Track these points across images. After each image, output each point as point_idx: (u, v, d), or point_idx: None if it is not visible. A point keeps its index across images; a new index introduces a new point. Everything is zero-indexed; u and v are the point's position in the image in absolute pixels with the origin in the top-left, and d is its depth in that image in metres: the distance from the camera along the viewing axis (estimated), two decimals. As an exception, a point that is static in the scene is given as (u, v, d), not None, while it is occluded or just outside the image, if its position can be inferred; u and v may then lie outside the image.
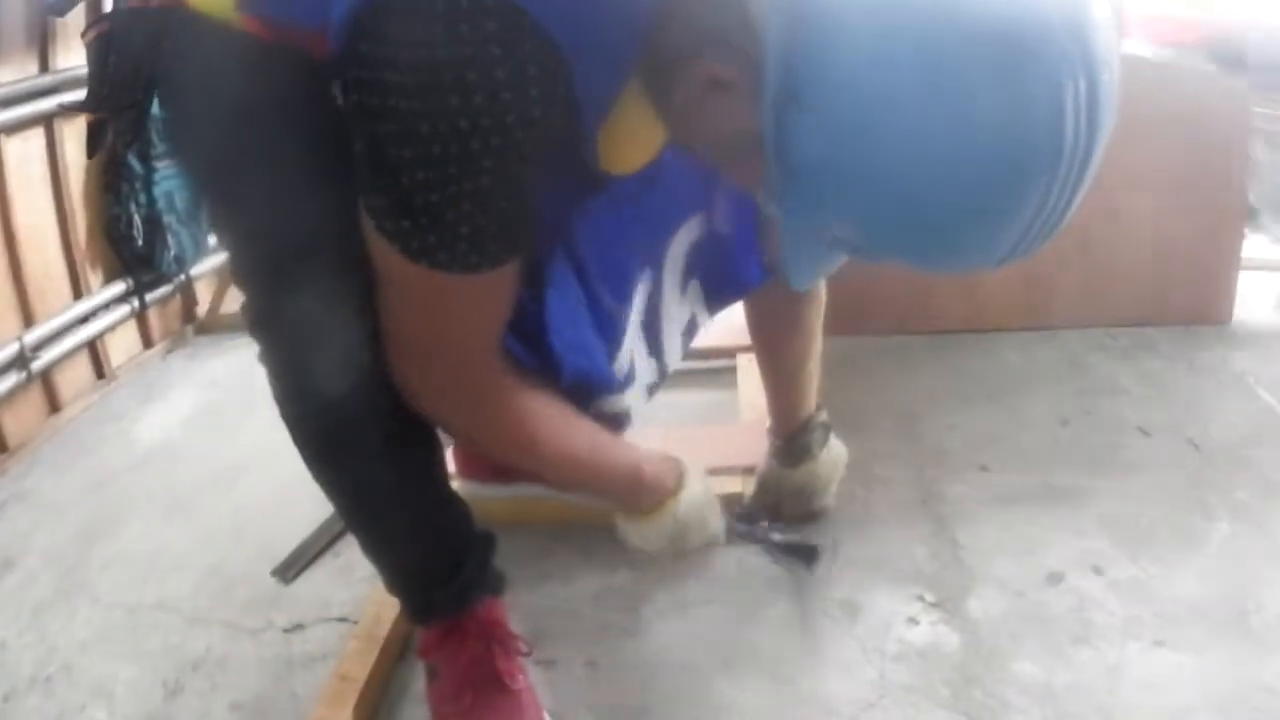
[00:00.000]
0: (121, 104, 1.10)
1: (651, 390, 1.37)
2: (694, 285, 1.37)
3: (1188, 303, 2.23)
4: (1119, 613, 1.39)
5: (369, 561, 1.26)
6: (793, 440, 1.56)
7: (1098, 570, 1.48)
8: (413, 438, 1.14)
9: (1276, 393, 1.95)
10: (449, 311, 1.01)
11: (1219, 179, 2.17)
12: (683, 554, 1.36)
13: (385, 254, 0.96)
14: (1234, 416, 1.88)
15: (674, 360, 1.39)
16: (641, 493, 1.28)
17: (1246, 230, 2.25)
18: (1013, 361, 2.14)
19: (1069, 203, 0.77)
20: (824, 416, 1.58)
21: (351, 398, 1.05)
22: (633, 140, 1.00)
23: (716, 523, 1.38)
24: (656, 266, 1.29)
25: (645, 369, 1.32)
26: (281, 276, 1.01)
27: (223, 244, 1.11)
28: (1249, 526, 1.56)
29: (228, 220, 1.09)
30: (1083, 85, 0.71)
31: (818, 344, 1.52)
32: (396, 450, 1.13)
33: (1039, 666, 1.31)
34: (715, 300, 1.42)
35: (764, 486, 1.62)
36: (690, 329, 1.41)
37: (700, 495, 1.33)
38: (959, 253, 0.82)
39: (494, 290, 1.02)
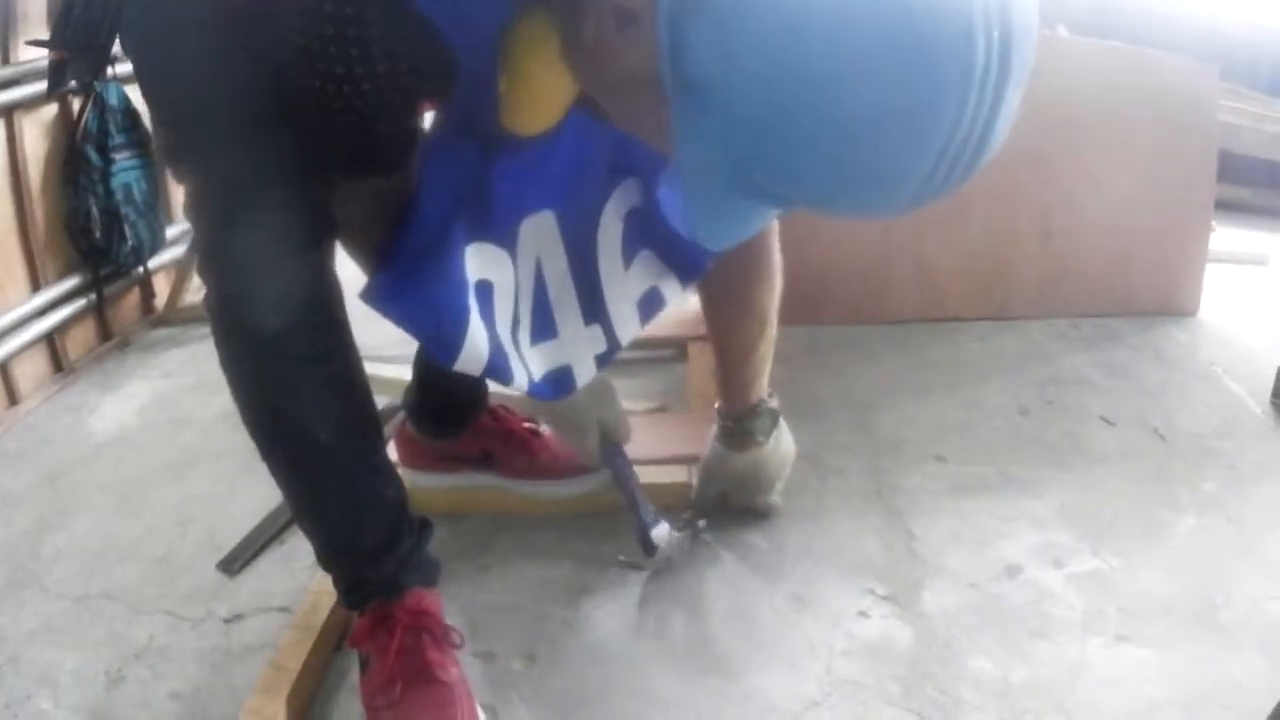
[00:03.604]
0: (85, 43, 1.15)
1: (601, 360, 1.36)
2: (647, 256, 1.34)
3: (1154, 294, 2.20)
4: (1080, 607, 1.36)
5: (303, 532, 1.25)
6: (739, 423, 1.52)
7: (1058, 563, 1.44)
8: (351, 393, 1.18)
9: (1246, 384, 1.92)
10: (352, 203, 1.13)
11: (1186, 170, 2.13)
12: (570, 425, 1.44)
13: None
14: (1202, 407, 1.85)
15: (626, 330, 1.37)
16: None
17: (1214, 223, 2.20)
18: (972, 351, 2.11)
19: (984, 131, 0.70)
20: (774, 403, 1.53)
21: (295, 334, 1.08)
22: (540, 96, 0.99)
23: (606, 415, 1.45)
24: (583, 235, 1.28)
25: (575, 334, 1.33)
26: (233, 212, 1.06)
27: (180, 180, 1.14)
28: (1217, 519, 1.53)
29: (186, 157, 1.11)
30: (994, 5, 0.66)
31: (771, 329, 1.47)
32: (334, 400, 1.15)
33: (995, 663, 1.26)
34: (681, 273, 1.38)
35: (708, 472, 1.57)
36: (651, 301, 1.38)
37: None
38: (865, 182, 0.74)
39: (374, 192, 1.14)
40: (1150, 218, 2.15)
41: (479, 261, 1.19)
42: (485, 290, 1.20)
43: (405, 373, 1.56)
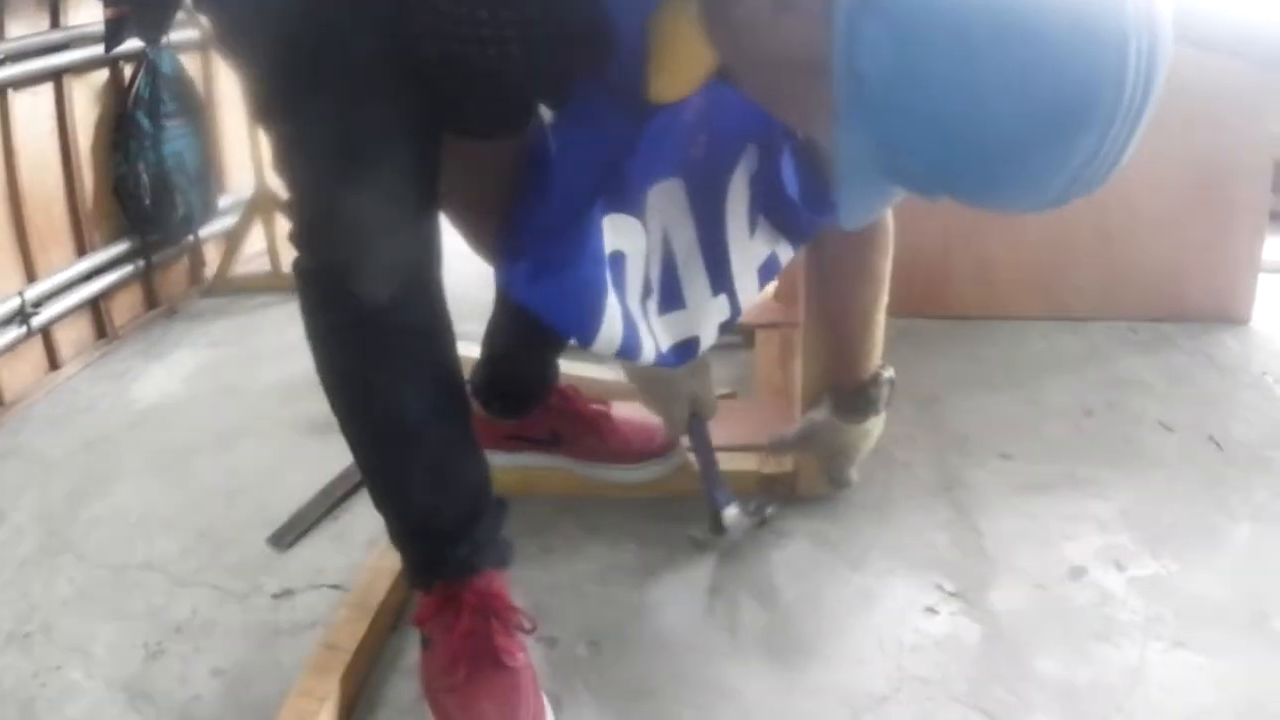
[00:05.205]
0: None
1: (724, 327, 1.32)
2: (763, 221, 1.29)
3: (1207, 301, 2.14)
4: (1141, 611, 1.30)
5: (379, 510, 1.18)
6: (860, 393, 1.44)
7: (1119, 566, 1.39)
8: (445, 370, 1.12)
9: (1297, 394, 1.85)
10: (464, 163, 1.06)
11: (1240, 179, 2.07)
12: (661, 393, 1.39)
13: None
14: (1254, 416, 1.79)
15: (748, 296, 1.32)
16: None
17: (1268, 233, 2.14)
18: (1034, 350, 2.06)
19: (1121, 151, 0.72)
20: (891, 372, 1.46)
21: (397, 306, 1.02)
22: (679, 66, 0.95)
23: (700, 387, 1.39)
24: (711, 203, 1.22)
25: (700, 300, 1.28)
26: (343, 173, 0.97)
27: (277, 140, 1.03)
28: (1270, 528, 1.47)
29: (285, 112, 1.01)
30: (1145, 40, 0.68)
31: (885, 292, 1.41)
32: (430, 375, 1.10)
33: (1060, 664, 1.22)
34: (794, 237, 1.33)
35: (809, 437, 1.48)
36: (769, 266, 1.33)
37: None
38: (1010, 186, 0.76)
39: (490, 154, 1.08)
40: (1204, 225, 2.09)
41: (613, 233, 1.11)
42: (618, 261, 1.13)
43: (473, 350, 1.49)
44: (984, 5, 0.68)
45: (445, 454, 1.14)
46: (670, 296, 1.25)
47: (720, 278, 1.27)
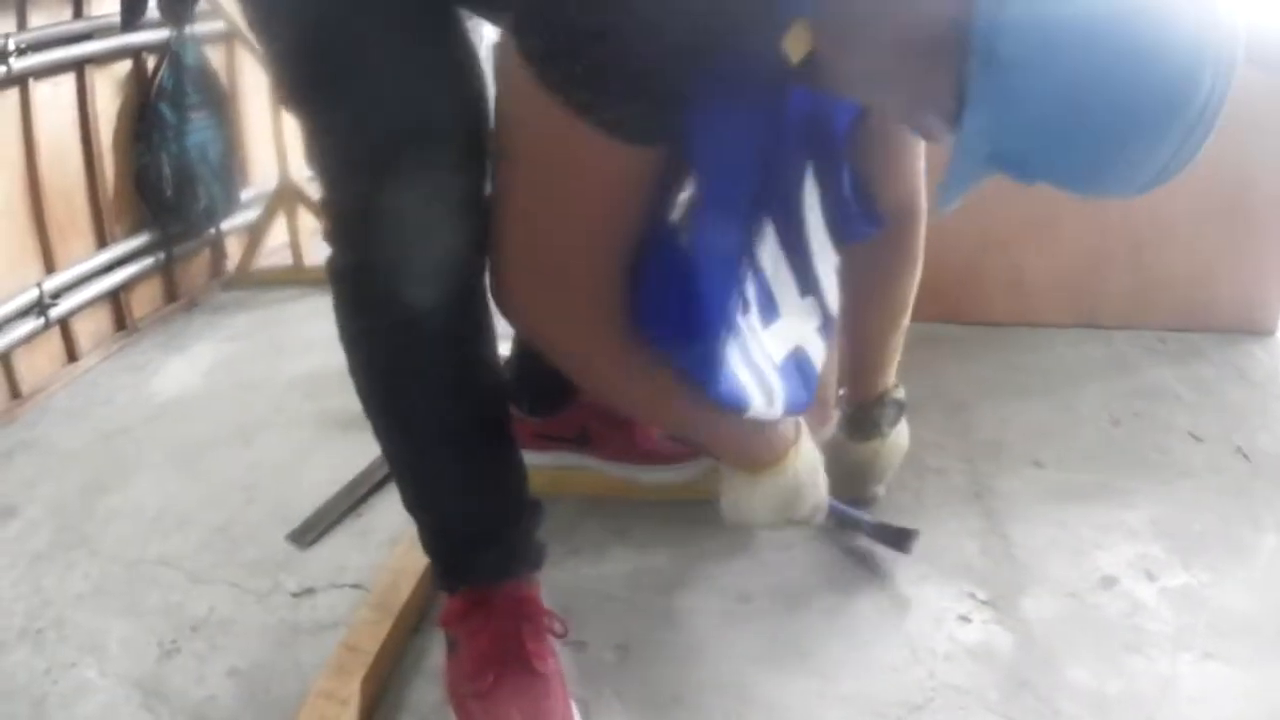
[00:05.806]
0: None
1: (823, 332, 1.26)
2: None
3: (1235, 312, 2.10)
4: (1171, 621, 1.27)
5: (410, 514, 1.14)
6: (864, 412, 1.42)
7: (1150, 576, 1.36)
8: (485, 375, 1.08)
9: (1324, 407, 1.81)
10: (577, 190, 0.91)
11: (1267, 190, 2.03)
12: (787, 523, 1.25)
13: (531, 115, 0.86)
14: (1280, 428, 1.74)
15: (832, 299, 1.26)
16: (762, 438, 1.16)
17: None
18: (1063, 357, 2.02)
19: (1202, 142, 0.79)
20: (900, 394, 1.44)
21: (438, 310, 0.96)
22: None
23: (824, 488, 1.28)
24: (788, 204, 1.17)
25: (796, 308, 1.22)
26: (386, 165, 0.90)
27: (310, 131, 0.96)
28: (1296, 541, 1.44)
29: (319, 98, 0.95)
30: (1225, 51, 0.75)
31: (906, 319, 1.40)
32: (469, 381, 1.05)
33: (1091, 674, 1.19)
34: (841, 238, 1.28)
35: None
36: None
37: (814, 451, 1.25)
38: (1116, 170, 0.81)
39: (625, 176, 0.90)
40: (1232, 236, 2.05)
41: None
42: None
43: (504, 347, 1.45)
44: (1119, 12, 0.74)
45: (482, 460, 1.09)
46: (767, 308, 1.18)
47: (806, 279, 1.21)
